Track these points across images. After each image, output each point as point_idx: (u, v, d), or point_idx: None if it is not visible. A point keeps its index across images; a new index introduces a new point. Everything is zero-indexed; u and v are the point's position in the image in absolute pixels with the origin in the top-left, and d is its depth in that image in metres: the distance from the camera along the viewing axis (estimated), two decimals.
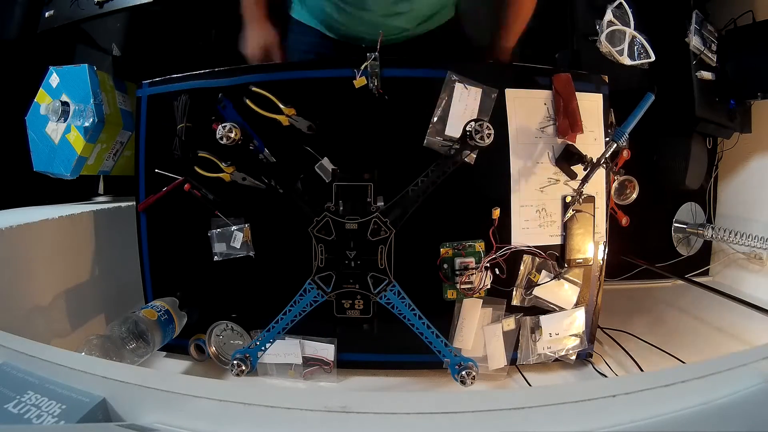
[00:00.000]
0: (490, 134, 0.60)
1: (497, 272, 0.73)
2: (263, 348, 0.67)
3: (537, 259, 0.75)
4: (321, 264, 0.66)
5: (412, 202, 0.64)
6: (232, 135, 0.65)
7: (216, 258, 0.75)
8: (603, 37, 0.93)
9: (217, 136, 0.65)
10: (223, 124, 0.65)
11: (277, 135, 0.72)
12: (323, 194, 0.68)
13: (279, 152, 0.73)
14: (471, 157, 0.72)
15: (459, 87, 0.72)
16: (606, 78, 0.77)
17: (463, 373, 0.60)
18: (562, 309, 0.76)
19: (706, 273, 1.21)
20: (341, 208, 0.66)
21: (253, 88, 0.71)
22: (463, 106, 0.72)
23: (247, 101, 0.71)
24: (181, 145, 0.74)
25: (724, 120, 1.04)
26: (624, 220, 0.89)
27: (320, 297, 0.66)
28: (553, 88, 0.74)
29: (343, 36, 0.87)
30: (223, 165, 0.73)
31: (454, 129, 0.71)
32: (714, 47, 1.02)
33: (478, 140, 0.60)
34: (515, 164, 0.73)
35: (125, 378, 0.38)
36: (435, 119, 0.72)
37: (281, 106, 0.71)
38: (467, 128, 0.60)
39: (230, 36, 0.80)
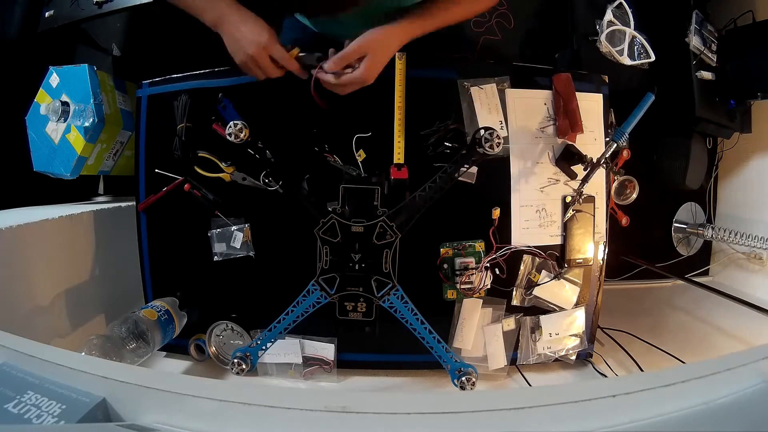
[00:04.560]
0: (499, 143, 0.60)
1: (497, 272, 0.73)
2: (264, 347, 0.67)
3: (537, 259, 0.75)
4: (325, 266, 0.66)
5: (418, 208, 0.64)
6: (242, 135, 0.64)
7: (216, 258, 0.75)
8: (603, 37, 0.93)
9: (227, 132, 0.63)
10: (234, 122, 0.63)
11: (278, 135, 0.72)
12: (329, 196, 0.68)
13: (280, 152, 0.72)
14: (472, 176, 0.72)
15: (475, 90, 0.72)
16: (606, 78, 0.77)
17: (463, 378, 0.60)
18: (562, 309, 0.76)
19: (706, 273, 1.22)
20: (347, 211, 0.66)
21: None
22: (486, 106, 0.73)
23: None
24: (181, 145, 0.74)
25: (724, 120, 1.04)
26: (624, 220, 0.89)
27: (323, 299, 0.66)
28: (553, 88, 0.74)
29: (329, 34, 0.83)
30: (223, 165, 0.73)
31: None
32: (714, 47, 1.02)
33: (487, 148, 0.59)
34: (515, 164, 0.73)
35: (125, 378, 0.38)
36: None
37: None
38: (476, 136, 0.60)
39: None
